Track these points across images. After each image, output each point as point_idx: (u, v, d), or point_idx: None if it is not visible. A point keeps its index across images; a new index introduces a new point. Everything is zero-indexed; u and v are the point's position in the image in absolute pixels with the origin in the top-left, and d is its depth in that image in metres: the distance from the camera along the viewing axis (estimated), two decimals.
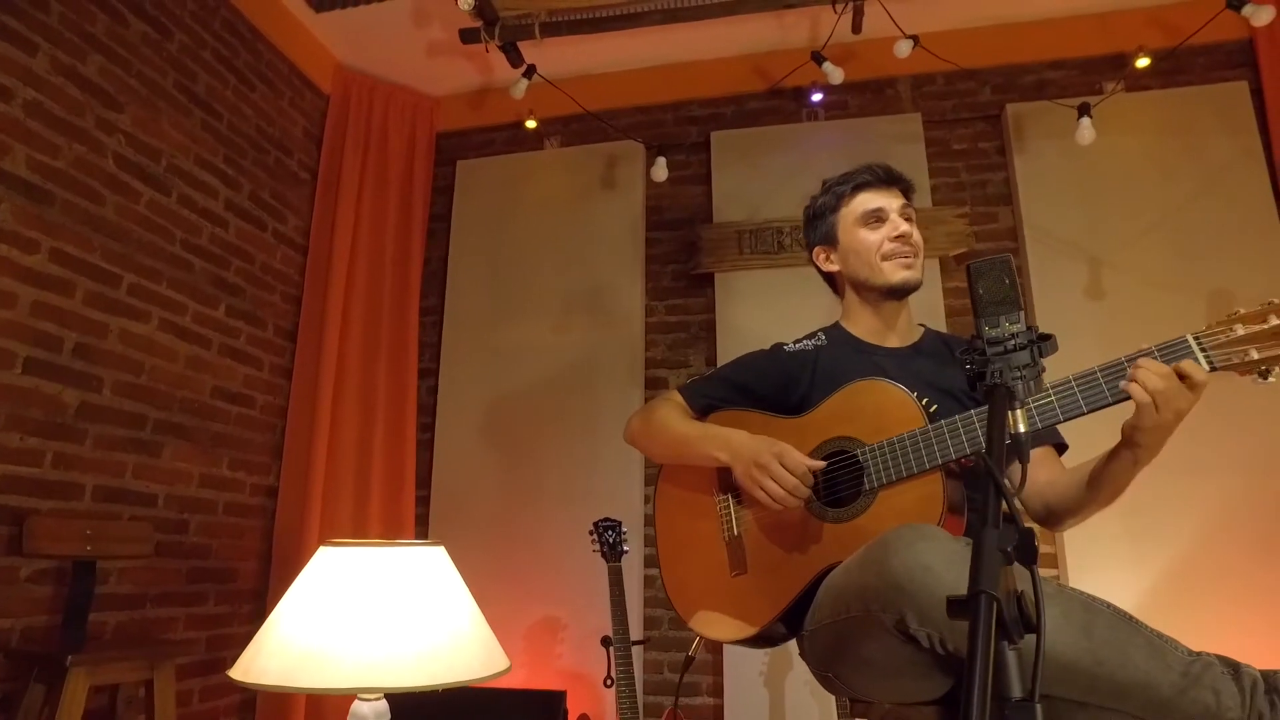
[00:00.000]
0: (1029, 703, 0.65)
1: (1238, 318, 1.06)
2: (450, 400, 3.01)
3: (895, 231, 1.45)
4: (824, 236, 1.55)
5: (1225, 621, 2.31)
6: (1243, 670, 0.97)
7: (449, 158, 3.27)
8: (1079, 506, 1.28)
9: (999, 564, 0.67)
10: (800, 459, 1.26)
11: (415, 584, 1.18)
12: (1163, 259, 2.62)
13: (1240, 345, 1.04)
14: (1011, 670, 0.67)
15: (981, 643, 0.61)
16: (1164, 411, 1.03)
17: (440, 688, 1.12)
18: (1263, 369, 1.04)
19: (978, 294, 0.95)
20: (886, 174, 1.50)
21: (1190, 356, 1.06)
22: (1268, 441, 2.40)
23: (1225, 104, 2.69)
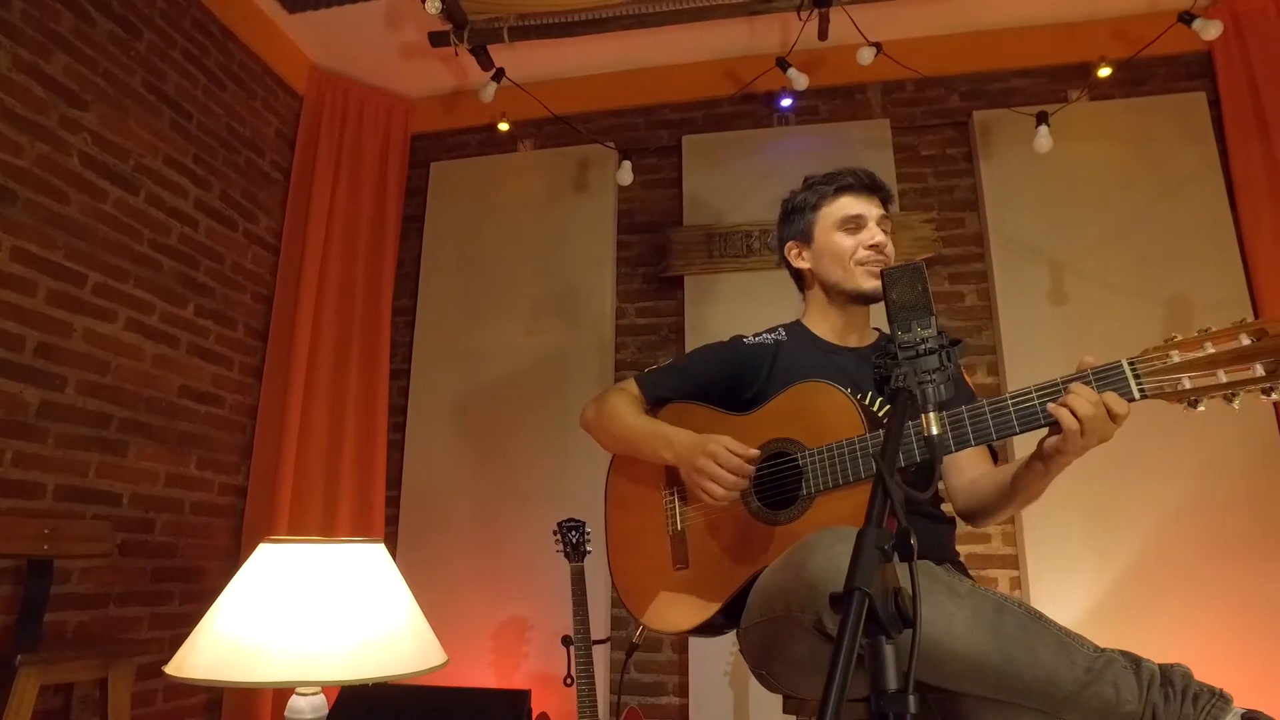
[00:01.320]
0: (903, 694, 0.68)
1: (1174, 344, 1.05)
2: (421, 401, 3.02)
3: (872, 240, 1.47)
4: (800, 233, 1.56)
5: (1179, 618, 2.36)
6: (1143, 665, 1.00)
7: (423, 159, 3.29)
8: (995, 508, 1.32)
9: (876, 562, 0.70)
10: (733, 454, 1.28)
11: (353, 580, 1.20)
12: (1124, 265, 2.66)
13: (1174, 373, 1.04)
14: (888, 664, 0.70)
15: (848, 637, 0.64)
16: (1089, 437, 1.05)
17: (372, 681, 1.14)
18: (1193, 399, 1.04)
19: (891, 300, 0.97)
20: (870, 181, 1.52)
21: (1124, 382, 1.07)
22: (1218, 446, 2.45)
23: (1184, 114, 2.74)
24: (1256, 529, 2.38)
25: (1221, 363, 1.00)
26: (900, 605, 0.71)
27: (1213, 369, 1.01)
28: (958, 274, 2.80)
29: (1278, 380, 0.97)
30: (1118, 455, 2.43)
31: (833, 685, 0.60)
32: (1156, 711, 0.95)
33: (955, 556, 1.39)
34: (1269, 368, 0.98)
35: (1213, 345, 1.02)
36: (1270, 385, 0.98)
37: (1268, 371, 0.98)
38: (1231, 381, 1.00)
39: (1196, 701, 0.96)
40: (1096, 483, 2.47)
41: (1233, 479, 2.42)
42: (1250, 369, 0.99)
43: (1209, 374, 1.01)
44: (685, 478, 1.34)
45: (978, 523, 1.37)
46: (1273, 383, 0.98)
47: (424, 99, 3.31)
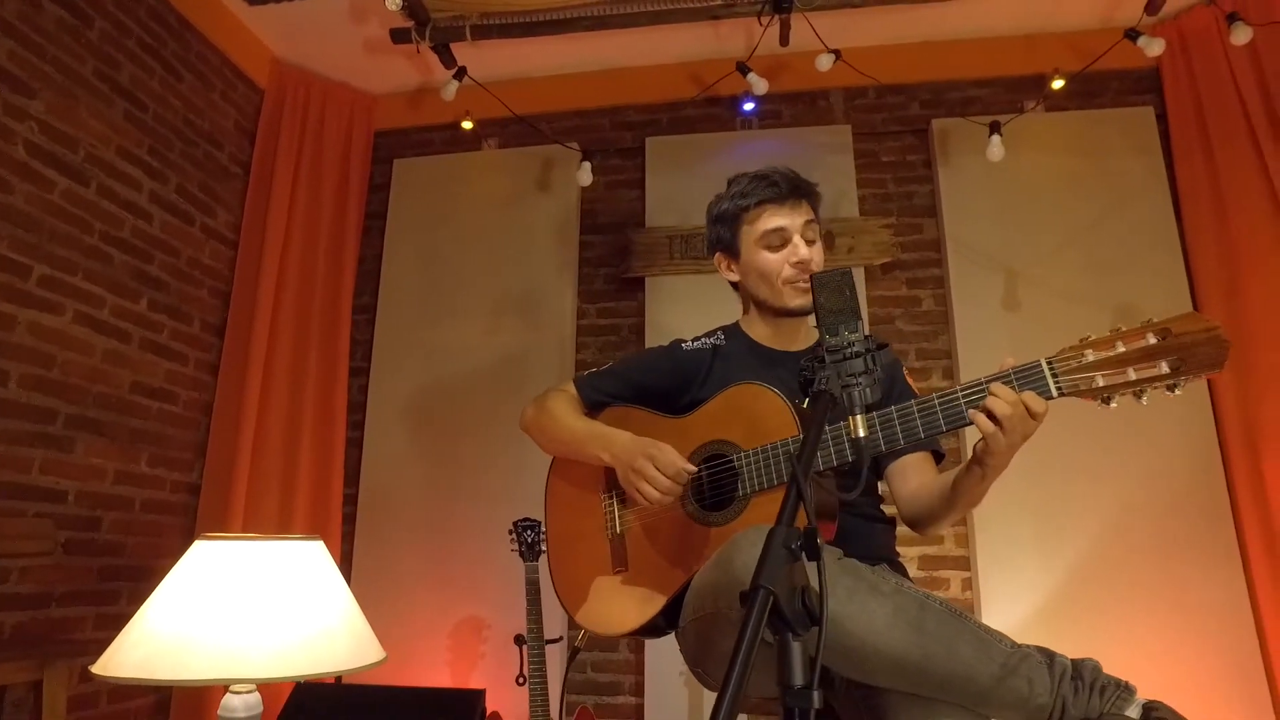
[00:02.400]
0: (808, 689, 0.69)
1: (1088, 344, 1.09)
2: (381, 398, 3.00)
3: (795, 257, 1.44)
4: (726, 246, 1.54)
5: (1122, 616, 2.42)
6: (1056, 660, 1.03)
7: (386, 156, 3.27)
8: (938, 514, 1.33)
9: (783, 560, 0.71)
10: (673, 460, 1.29)
11: (289, 577, 1.20)
12: (1075, 273, 2.72)
13: (1088, 372, 1.08)
14: (795, 660, 0.71)
15: (749, 634, 0.65)
16: (1011, 435, 1.07)
17: (304, 678, 1.14)
18: (1106, 396, 1.08)
19: (819, 304, 0.99)
20: (790, 187, 1.47)
21: (1043, 380, 1.09)
22: (1161, 450, 2.52)
23: (1134, 127, 2.81)
24: (1195, 532, 2.45)
25: (1131, 361, 1.04)
26: (808, 603, 0.72)
27: (1123, 367, 1.05)
28: (915, 279, 2.84)
29: (1180, 377, 1.02)
30: (1065, 459, 2.53)
31: (730, 681, 0.62)
32: (1066, 703, 0.98)
33: (893, 556, 1.41)
34: (1172, 365, 1.02)
35: (1123, 344, 1.05)
36: (1174, 381, 1.02)
37: (1172, 369, 1.02)
38: (1140, 379, 1.03)
39: (1104, 693, 0.99)
40: (1045, 486, 2.53)
41: (1174, 483, 2.49)
42: (1156, 366, 1.03)
43: (1120, 372, 1.05)
44: (622, 479, 1.34)
45: (923, 530, 1.39)
46: (1176, 379, 1.02)
47: (388, 95, 3.29)
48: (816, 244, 1.49)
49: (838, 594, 1.01)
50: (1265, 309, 2.48)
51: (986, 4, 2.63)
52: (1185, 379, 1.03)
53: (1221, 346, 1.01)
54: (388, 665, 2.68)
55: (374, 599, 2.78)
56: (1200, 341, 1.02)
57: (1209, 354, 1.02)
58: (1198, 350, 1.02)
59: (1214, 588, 2.40)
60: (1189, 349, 1.02)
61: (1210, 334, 1.02)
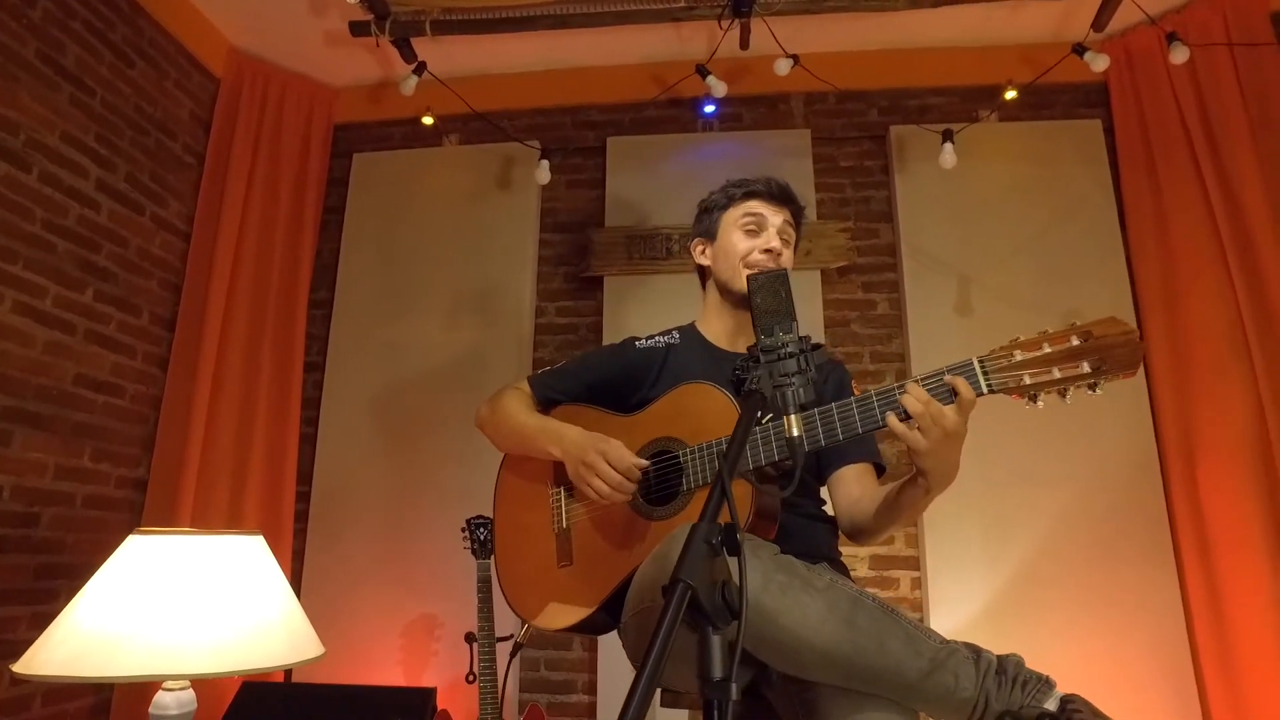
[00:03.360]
0: (726, 682, 0.71)
1: (1017, 344, 1.12)
2: (336, 395, 2.97)
3: (766, 244, 1.49)
4: (706, 230, 1.60)
5: (1065, 616, 2.48)
6: (982, 655, 1.06)
7: (346, 150, 3.23)
8: (878, 527, 1.35)
9: (704, 555, 0.73)
10: (625, 456, 1.31)
11: (226, 573, 1.18)
12: (1025, 280, 2.78)
13: (1017, 370, 1.11)
14: (715, 653, 0.72)
15: (666, 627, 0.66)
16: (929, 435, 1.09)
17: (239, 674, 1.12)
18: (1033, 394, 1.11)
19: (755, 305, 1.01)
20: (781, 192, 1.55)
21: (974, 377, 1.12)
22: (1103, 457, 2.59)
23: (1083, 139, 2.88)
24: (1133, 535, 2.53)
25: (1056, 361, 1.08)
26: (728, 597, 0.73)
27: (1049, 366, 1.08)
28: (870, 283, 2.89)
29: (1101, 377, 1.06)
30: (1014, 465, 2.59)
31: (642, 674, 0.63)
32: (990, 697, 1.01)
33: (834, 555, 1.44)
34: (1093, 365, 1.06)
35: (1049, 345, 1.09)
36: (1095, 381, 1.06)
37: (1092, 369, 1.06)
38: (1064, 377, 1.07)
39: (1025, 687, 1.02)
40: (993, 490, 2.59)
41: (1114, 489, 2.56)
42: (1079, 366, 1.07)
43: (1046, 371, 1.09)
44: (572, 474, 1.35)
45: (861, 540, 1.41)
46: (1096, 379, 1.06)
47: (348, 88, 3.25)
48: (790, 249, 1.55)
49: (772, 590, 1.03)
50: (1202, 319, 2.56)
51: (943, 14, 2.67)
52: (1104, 379, 1.07)
53: (1136, 349, 1.06)
54: (339, 663, 2.70)
55: (326, 596, 2.75)
56: (1118, 344, 1.06)
57: (1125, 355, 1.06)
58: (1115, 352, 1.06)
59: (1149, 589, 2.48)
60: (1108, 350, 1.06)
61: (1127, 337, 1.06)
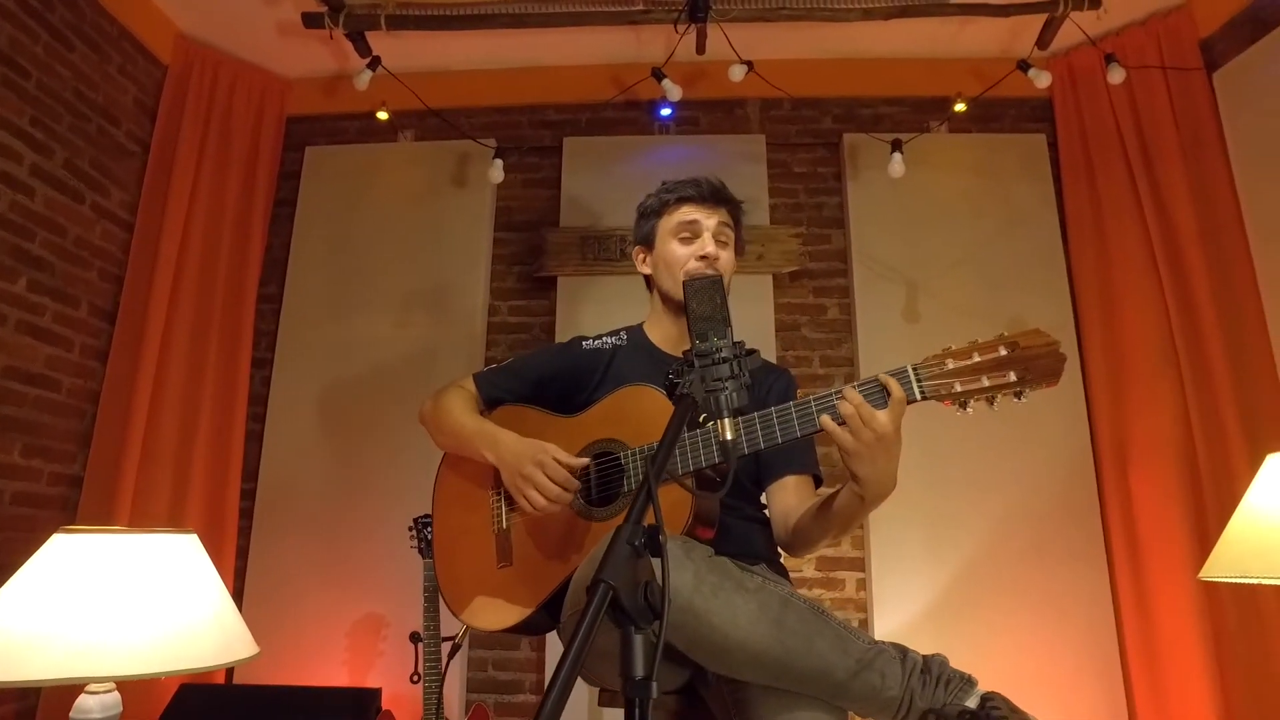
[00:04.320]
0: (647, 681, 0.72)
1: (949, 353, 1.16)
2: (284, 391, 2.92)
3: (701, 251, 1.49)
4: (644, 238, 1.60)
5: (1002, 614, 2.55)
6: (909, 655, 1.09)
7: (298, 142, 3.17)
8: (810, 536, 1.37)
9: (626, 556, 0.74)
10: (563, 468, 1.30)
11: (155, 572, 1.16)
12: (971, 288, 2.85)
13: (948, 378, 1.15)
14: (636, 652, 0.74)
15: (585, 627, 0.67)
16: (860, 435, 1.12)
17: (167, 675, 1.10)
18: (963, 400, 1.15)
19: (690, 310, 1.02)
20: (714, 193, 1.54)
21: (908, 384, 1.15)
22: (1041, 462, 2.67)
23: (1028, 153, 2.97)
24: (1069, 537, 2.61)
25: (985, 369, 1.12)
26: (650, 598, 0.75)
27: (978, 375, 1.12)
28: (822, 288, 2.93)
29: (1025, 386, 1.10)
30: (957, 469, 2.66)
31: (560, 673, 0.63)
32: (914, 695, 1.04)
33: (773, 557, 1.46)
34: (1019, 374, 1.10)
35: (979, 355, 1.13)
36: (1020, 389, 1.10)
37: (1018, 378, 1.10)
38: (992, 385, 1.11)
39: (948, 685, 1.05)
40: (937, 493, 2.65)
41: (1052, 492, 2.64)
42: (1006, 375, 1.11)
43: (975, 379, 1.12)
44: (508, 482, 1.35)
45: (795, 551, 1.43)
46: (1022, 387, 1.10)
47: (302, 80, 3.20)
48: (729, 249, 1.55)
49: (703, 591, 1.05)
50: (1136, 329, 2.66)
51: (895, 26, 2.72)
52: (1029, 387, 1.11)
53: (1058, 359, 1.10)
54: (283, 664, 2.65)
55: (271, 596, 2.71)
56: (1042, 355, 1.10)
57: (1048, 365, 1.10)
58: (1039, 362, 1.10)
59: (1082, 587, 2.56)
60: (1032, 360, 1.11)
61: (1049, 348, 1.10)
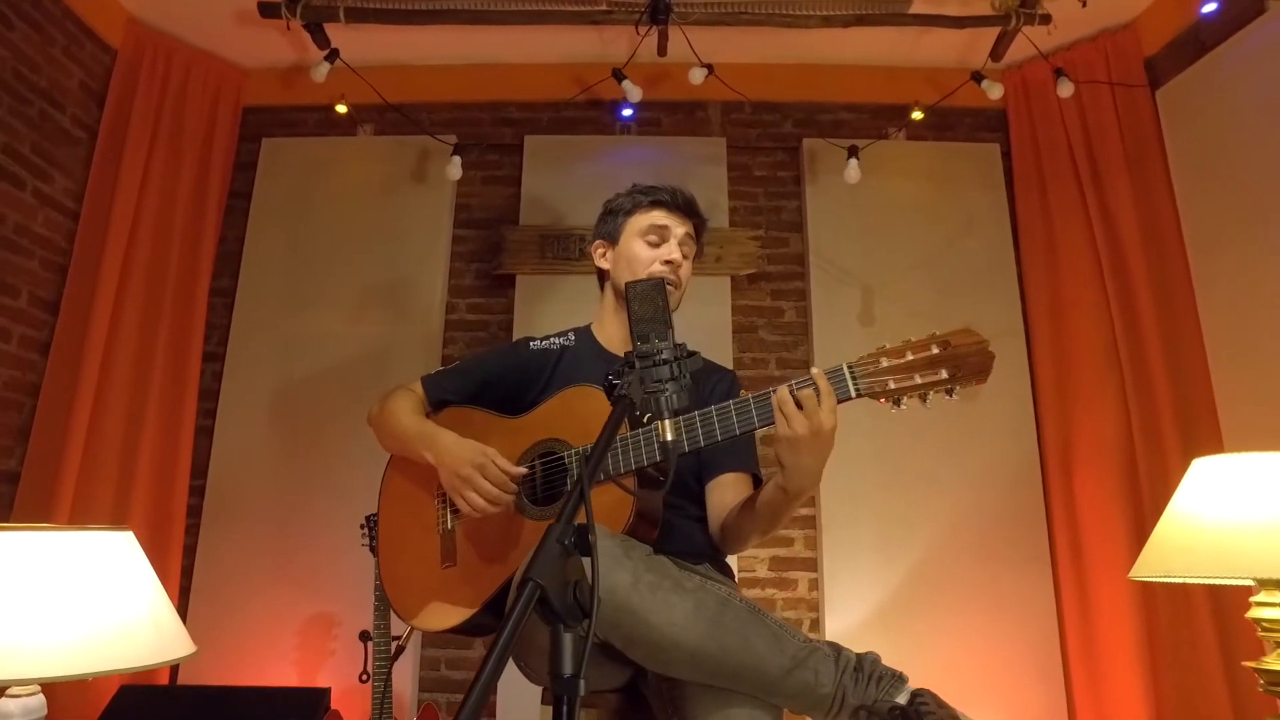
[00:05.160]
0: (575, 679, 0.73)
1: (883, 352, 1.19)
2: (236, 386, 2.86)
3: (667, 256, 1.52)
4: (609, 233, 1.61)
5: (950, 612, 2.61)
6: (842, 653, 1.11)
7: (255, 133, 3.11)
8: (741, 532, 1.39)
9: (556, 555, 0.74)
10: (501, 471, 1.31)
11: (86, 571, 1.13)
12: (924, 293, 2.91)
13: (883, 376, 1.17)
14: (566, 650, 0.74)
15: (511, 625, 0.67)
16: (794, 423, 1.14)
17: (94, 675, 1.08)
18: (896, 397, 1.17)
19: (632, 311, 1.03)
20: (686, 204, 1.58)
21: (843, 382, 1.18)
22: (990, 463, 2.73)
23: (982, 162, 3.04)
24: (1014, 537, 2.68)
25: (917, 368, 1.15)
26: (579, 596, 0.75)
27: (911, 373, 1.15)
28: (779, 290, 2.96)
29: (956, 384, 1.13)
30: (908, 469, 2.71)
31: (484, 669, 0.64)
32: (847, 692, 1.07)
33: (717, 556, 1.48)
34: (950, 372, 1.13)
35: (912, 353, 1.16)
36: (951, 387, 1.13)
37: (950, 375, 1.13)
38: (924, 383, 1.14)
39: (880, 683, 1.08)
40: (888, 494, 2.70)
41: (999, 494, 2.71)
42: (938, 373, 1.14)
43: (908, 377, 1.15)
44: (446, 485, 1.35)
45: (727, 547, 1.45)
46: (953, 385, 1.13)
47: (260, 70, 3.14)
48: (688, 261, 1.58)
49: (641, 589, 1.06)
50: (1082, 335, 2.73)
51: (855, 34, 2.76)
52: (959, 385, 1.14)
53: (987, 357, 1.13)
54: (231, 664, 2.61)
55: (220, 595, 2.66)
56: (972, 353, 1.13)
57: (978, 363, 1.13)
58: (969, 360, 1.13)
59: (1026, 588, 2.63)
60: (963, 359, 1.13)
61: (979, 347, 1.13)
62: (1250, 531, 1.38)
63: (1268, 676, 1.38)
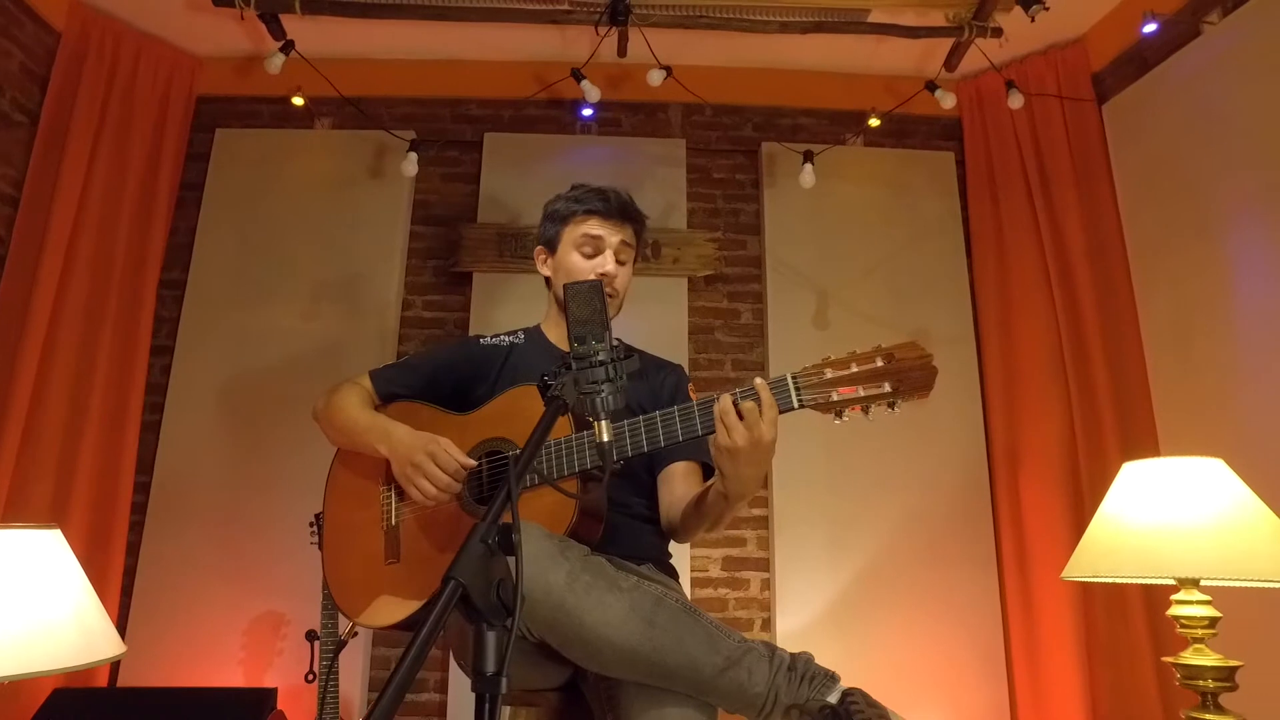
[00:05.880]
0: (497, 677, 0.73)
1: (828, 363, 1.20)
2: (185, 381, 2.80)
3: (601, 269, 1.53)
4: (548, 240, 1.62)
5: (899, 613, 2.66)
6: (776, 653, 1.13)
7: (208, 123, 3.05)
8: (685, 527, 1.42)
9: (480, 554, 0.75)
10: (453, 457, 1.31)
11: (6, 570, 1.10)
12: (878, 298, 2.95)
13: (826, 387, 1.19)
14: (489, 649, 0.75)
15: (430, 622, 0.68)
16: (734, 432, 1.15)
17: (11, 679, 1.05)
18: (838, 409, 1.19)
19: (570, 314, 1.04)
20: (621, 209, 1.58)
21: (787, 392, 1.19)
22: (940, 466, 2.78)
23: (937, 170, 3.10)
24: (962, 539, 2.73)
25: (861, 380, 1.16)
26: (503, 595, 0.76)
27: (854, 385, 1.16)
28: (736, 293, 2.99)
29: (899, 397, 1.15)
30: (859, 471, 2.75)
31: (405, 660, 0.64)
32: (779, 691, 1.08)
33: (661, 556, 1.49)
34: (893, 386, 1.15)
35: (856, 365, 1.18)
36: (894, 400, 1.15)
37: (893, 389, 1.15)
38: (867, 395, 1.16)
39: (812, 682, 1.10)
40: (840, 495, 2.74)
41: (948, 496, 2.76)
42: (881, 386, 1.15)
43: (851, 389, 1.17)
44: (398, 473, 1.35)
45: (676, 538, 1.47)
46: (895, 398, 1.15)
47: (214, 59, 3.08)
48: (627, 266, 1.59)
49: (576, 589, 1.07)
50: (1030, 342, 2.80)
51: (814, 40, 2.80)
52: (902, 399, 1.16)
53: (930, 372, 1.15)
54: (176, 664, 2.55)
55: (164, 593, 2.61)
56: (915, 367, 1.15)
57: (921, 378, 1.15)
58: (912, 374, 1.15)
59: (972, 589, 2.69)
60: (905, 373, 1.16)
61: (922, 361, 1.16)
62: (1172, 533, 1.43)
63: (1185, 671, 1.43)
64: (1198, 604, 1.45)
